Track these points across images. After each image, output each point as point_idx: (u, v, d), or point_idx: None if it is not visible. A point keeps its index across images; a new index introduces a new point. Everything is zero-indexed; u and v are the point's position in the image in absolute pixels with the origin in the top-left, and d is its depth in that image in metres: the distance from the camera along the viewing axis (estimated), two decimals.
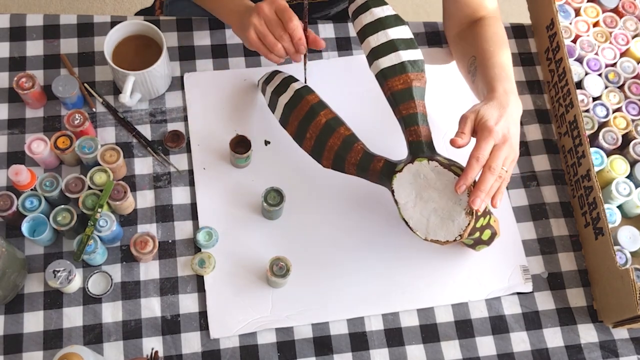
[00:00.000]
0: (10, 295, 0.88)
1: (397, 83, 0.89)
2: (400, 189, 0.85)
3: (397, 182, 0.85)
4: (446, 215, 0.82)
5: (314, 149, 0.91)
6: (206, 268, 0.92)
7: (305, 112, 0.91)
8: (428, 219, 0.83)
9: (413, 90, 0.89)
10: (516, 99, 0.88)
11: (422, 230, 0.83)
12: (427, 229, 0.83)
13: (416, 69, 0.90)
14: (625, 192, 0.98)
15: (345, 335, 0.91)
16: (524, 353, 0.92)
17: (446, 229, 0.82)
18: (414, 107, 0.88)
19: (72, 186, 0.91)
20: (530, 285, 0.95)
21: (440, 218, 0.82)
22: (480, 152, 0.80)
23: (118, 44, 0.99)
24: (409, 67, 0.89)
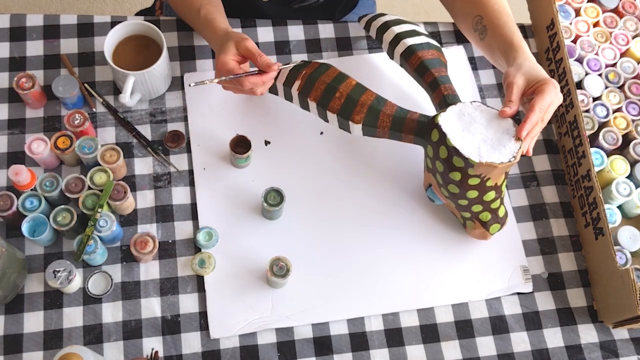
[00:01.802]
0: (10, 296, 0.88)
1: (426, 54, 0.95)
2: (446, 124, 0.85)
3: (442, 119, 0.85)
4: (496, 143, 0.84)
5: (345, 106, 0.91)
6: (206, 268, 0.92)
7: (334, 76, 0.92)
8: (478, 146, 0.84)
9: (441, 60, 0.96)
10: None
11: (474, 155, 0.83)
12: (479, 154, 0.83)
13: (440, 51, 0.98)
14: (626, 192, 0.98)
15: (346, 336, 0.91)
16: (524, 353, 0.92)
17: (498, 153, 0.83)
18: (445, 71, 0.95)
19: (72, 186, 0.91)
20: (530, 286, 0.95)
21: (490, 146, 0.84)
22: (544, 103, 0.84)
23: (118, 44, 0.99)
24: (434, 46, 0.98)
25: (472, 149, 0.83)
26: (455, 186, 0.87)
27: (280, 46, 1.08)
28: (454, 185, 0.87)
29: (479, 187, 0.86)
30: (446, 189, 0.88)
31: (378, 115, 0.90)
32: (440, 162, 0.86)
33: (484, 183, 0.86)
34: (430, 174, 0.91)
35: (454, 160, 0.84)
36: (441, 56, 0.97)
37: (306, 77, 0.93)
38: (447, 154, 0.84)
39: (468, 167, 0.83)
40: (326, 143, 1.02)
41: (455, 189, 0.87)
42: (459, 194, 0.88)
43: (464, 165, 0.83)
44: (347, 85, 0.91)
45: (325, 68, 0.94)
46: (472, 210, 0.90)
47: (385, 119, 0.89)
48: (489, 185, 0.86)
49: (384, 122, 0.90)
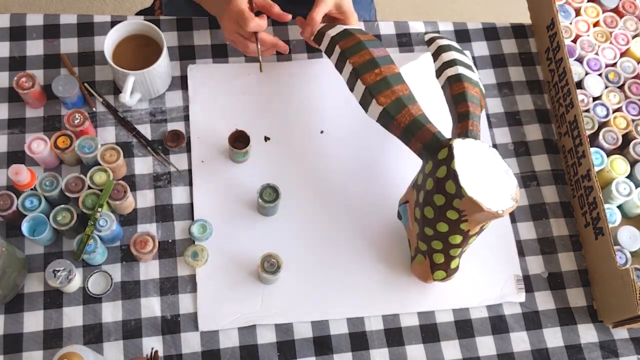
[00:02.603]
0: (10, 295, 0.88)
1: (471, 89, 0.92)
2: (459, 149, 0.81)
3: (458, 144, 0.82)
4: (492, 192, 0.80)
5: (377, 84, 0.88)
6: (199, 261, 0.92)
7: (383, 55, 0.91)
8: (476, 184, 0.80)
9: (480, 101, 0.94)
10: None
11: (468, 187, 0.79)
12: (472, 190, 0.80)
13: (484, 96, 0.96)
14: (626, 192, 0.98)
15: (345, 335, 0.91)
16: (524, 353, 0.92)
17: (489, 200, 0.79)
18: (479, 111, 0.92)
19: (72, 186, 0.91)
20: (523, 296, 0.95)
21: (486, 190, 0.80)
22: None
23: (118, 43, 0.99)
24: (481, 89, 0.96)
25: (469, 183, 0.79)
26: (432, 210, 0.83)
27: None
28: (431, 209, 0.83)
29: (452, 224, 0.82)
30: (422, 210, 0.85)
31: (402, 109, 0.87)
32: (432, 180, 0.82)
33: (459, 222, 0.82)
34: (414, 190, 0.88)
35: (448, 184, 0.80)
36: (482, 99, 0.94)
37: (356, 42, 0.92)
38: (445, 174, 0.80)
39: (456, 197, 0.79)
40: (326, 142, 1.02)
41: (431, 213, 0.83)
42: (431, 219, 0.84)
43: (454, 193, 0.79)
44: (389, 68, 0.90)
45: (378, 45, 0.93)
46: (431, 245, 0.86)
47: (406, 116, 0.86)
48: (462, 227, 0.82)
49: (404, 118, 0.87)
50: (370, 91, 0.88)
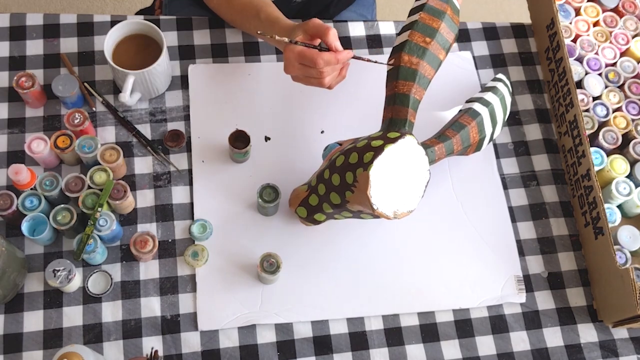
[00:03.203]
0: (10, 295, 0.88)
1: (468, 120, 0.93)
2: (386, 156, 0.80)
3: (388, 150, 0.81)
4: (399, 192, 0.81)
5: (415, 47, 0.88)
6: (199, 260, 0.92)
7: (446, 35, 0.91)
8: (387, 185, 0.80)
9: (468, 141, 0.94)
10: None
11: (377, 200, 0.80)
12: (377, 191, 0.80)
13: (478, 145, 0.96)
14: (625, 192, 0.98)
15: (345, 335, 0.91)
16: (523, 353, 0.92)
17: (391, 201, 0.80)
18: (452, 137, 0.91)
19: (72, 185, 0.91)
20: (523, 296, 0.95)
21: (395, 191, 0.81)
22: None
23: (118, 43, 0.99)
24: (481, 134, 0.95)
25: (380, 168, 0.79)
26: (341, 161, 0.83)
27: None
28: (342, 159, 0.83)
29: (342, 185, 0.82)
30: (337, 156, 0.84)
31: (409, 79, 0.87)
32: (366, 141, 0.82)
33: (347, 188, 0.81)
34: (351, 141, 0.88)
35: (368, 153, 0.79)
36: (475, 139, 0.94)
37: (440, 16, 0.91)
38: (375, 146, 0.80)
39: (361, 167, 0.79)
40: (326, 142, 1.02)
41: (339, 162, 0.83)
42: (335, 167, 0.83)
43: (363, 162, 0.79)
44: (437, 48, 0.89)
45: (453, 28, 0.92)
46: (318, 186, 0.86)
47: (405, 87, 0.87)
48: (346, 195, 0.82)
49: (403, 87, 0.87)
50: (405, 46, 0.89)
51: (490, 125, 0.96)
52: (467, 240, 0.98)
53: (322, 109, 1.04)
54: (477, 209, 0.99)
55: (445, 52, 0.91)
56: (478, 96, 0.97)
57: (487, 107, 0.95)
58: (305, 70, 0.88)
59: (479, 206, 1.00)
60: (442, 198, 0.99)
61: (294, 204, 0.92)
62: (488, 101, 0.96)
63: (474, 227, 0.98)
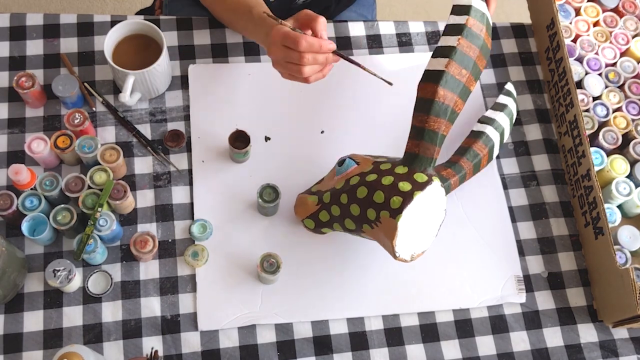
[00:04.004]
0: (10, 295, 0.88)
1: (481, 148, 0.95)
2: (415, 205, 0.81)
3: (417, 199, 0.81)
4: (415, 235, 0.82)
5: (452, 80, 0.84)
6: (199, 260, 0.92)
7: (480, 65, 0.89)
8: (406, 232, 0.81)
9: (479, 165, 0.96)
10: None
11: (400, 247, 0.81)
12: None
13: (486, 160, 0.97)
14: (625, 192, 0.98)
15: (345, 335, 0.91)
16: (523, 353, 0.92)
17: (405, 244, 0.81)
18: (468, 169, 0.93)
19: (72, 185, 0.91)
20: (523, 297, 0.95)
21: (413, 233, 0.81)
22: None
23: (118, 43, 0.99)
24: (490, 156, 0.97)
25: (407, 218, 0.79)
26: (364, 192, 0.83)
27: None
28: (364, 191, 0.83)
29: (361, 217, 0.83)
30: (359, 184, 0.84)
31: (439, 116, 0.84)
32: (392, 178, 0.82)
33: (365, 222, 0.82)
34: (372, 165, 0.86)
35: (396, 198, 0.79)
36: (485, 161, 0.95)
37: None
38: (402, 191, 0.79)
39: (387, 211, 0.79)
40: (326, 142, 1.02)
41: (362, 194, 0.83)
42: (355, 197, 0.84)
43: (390, 208, 0.79)
44: (470, 81, 0.87)
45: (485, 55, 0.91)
46: (332, 206, 0.87)
47: (434, 124, 0.84)
48: (363, 227, 0.83)
49: (432, 123, 0.84)
50: (441, 78, 0.84)
51: (498, 148, 0.98)
52: (467, 240, 0.98)
53: (322, 109, 1.04)
54: (477, 209, 0.99)
55: (476, 82, 0.88)
56: (491, 117, 0.98)
57: (499, 132, 0.96)
58: (287, 52, 0.86)
59: (479, 206, 1.00)
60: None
61: (301, 213, 0.92)
62: (500, 125, 0.97)
63: (474, 227, 0.98)
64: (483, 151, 0.94)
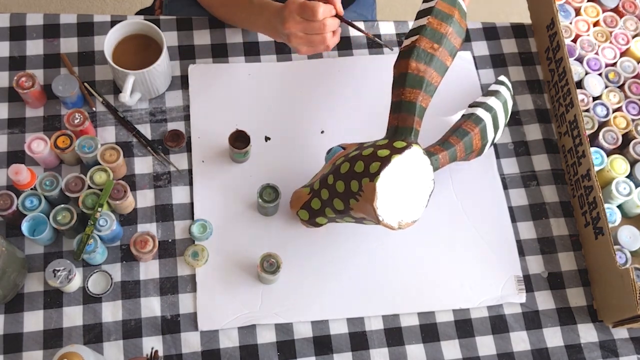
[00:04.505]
0: (10, 295, 0.88)
1: (471, 127, 0.94)
2: (393, 167, 0.80)
3: (395, 161, 0.81)
4: (402, 203, 0.82)
5: (422, 53, 0.88)
6: (199, 260, 0.92)
7: (454, 42, 0.91)
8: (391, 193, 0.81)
9: (471, 146, 0.94)
10: None
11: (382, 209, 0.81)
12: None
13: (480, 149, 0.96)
14: (626, 192, 0.98)
15: (345, 335, 0.91)
16: (523, 353, 0.92)
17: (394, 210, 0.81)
18: (458, 145, 0.92)
19: (72, 185, 0.91)
20: (523, 296, 0.95)
21: (399, 200, 0.81)
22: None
23: (118, 43, 0.99)
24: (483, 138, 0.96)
25: (387, 180, 0.79)
26: (346, 167, 0.83)
27: (280, 45, 1.08)
28: (347, 166, 0.83)
29: (346, 192, 0.82)
30: (342, 162, 0.84)
31: (416, 87, 0.87)
32: (372, 149, 0.82)
33: (352, 196, 0.82)
34: (356, 146, 0.87)
35: (375, 163, 0.79)
36: (478, 145, 0.95)
37: (449, 17, 0.91)
38: (382, 156, 0.80)
39: (367, 177, 0.79)
40: (326, 142, 1.02)
41: (344, 169, 0.83)
42: (339, 174, 0.84)
43: (369, 172, 0.79)
44: (445, 55, 0.90)
45: (461, 34, 0.93)
46: (321, 190, 0.87)
47: (411, 95, 0.86)
48: (350, 202, 0.83)
49: (409, 94, 0.86)
50: (412, 52, 0.88)
51: (493, 131, 0.96)
52: (467, 240, 0.98)
53: (322, 109, 1.04)
54: (477, 209, 0.99)
55: (452, 58, 0.91)
56: (481, 101, 0.97)
57: (490, 113, 0.95)
58: (306, 24, 0.87)
59: (479, 206, 1.00)
60: (442, 198, 0.99)
61: (296, 206, 0.92)
62: (491, 106, 0.96)
63: (474, 227, 0.98)
64: (473, 130, 0.93)
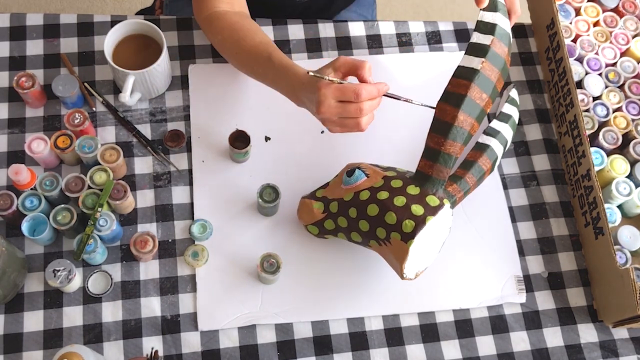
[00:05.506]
0: (10, 295, 0.88)
1: (481, 159, 0.93)
2: (426, 228, 0.81)
3: (430, 223, 0.81)
4: (420, 255, 0.83)
5: (471, 104, 0.82)
6: (199, 260, 0.92)
7: (496, 90, 0.87)
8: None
9: (481, 175, 0.93)
10: None
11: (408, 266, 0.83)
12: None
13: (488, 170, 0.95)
14: (626, 192, 0.98)
15: (345, 335, 0.91)
16: (524, 353, 0.92)
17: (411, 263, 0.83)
18: (472, 183, 0.92)
19: (72, 185, 0.91)
20: (523, 297, 0.95)
21: (417, 254, 0.82)
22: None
23: (118, 43, 0.99)
24: (493, 163, 0.95)
25: (419, 243, 0.80)
26: (375, 210, 0.82)
27: (280, 45, 1.08)
28: (375, 209, 0.83)
29: (369, 234, 0.83)
30: (369, 201, 0.83)
31: (455, 140, 0.83)
32: (404, 200, 0.81)
33: (373, 239, 0.83)
34: (382, 179, 0.85)
35: (408, 221, 0.79)
36: (488, 173, 0.94)
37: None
38: (416, 215, 0.80)
39: (400, 234, 0.80)
40: (326, 142, 1.02)
41: (373, 212, 0.83)
42: (366, 215, 0.83)
43: (403, 232, 0.80)
44: (489, 104, 0.85)
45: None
46: (339, 217, 0.87)
47: (448, 147, 0.82)
48: (370, 242, 0.84)
49: (447, 146, 0.82)
50: (462, 102, 0.82)
51: (499, 161, 0.97)
52: (467, 240, 0.98)
53: None
54: (477, 209, 0.99)
55: (492, 104, 0.87)
56: (497, 129, 0.96)
57: (502, 144, 0.96)
58: (343, 107, 0.82)
59: (479, 206, 1.00)
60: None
61: (306, 219, 0.91)
62: (504, 137, 0.97)
63: (474, 227, 0.98)
64: (487, 165, 0.93)
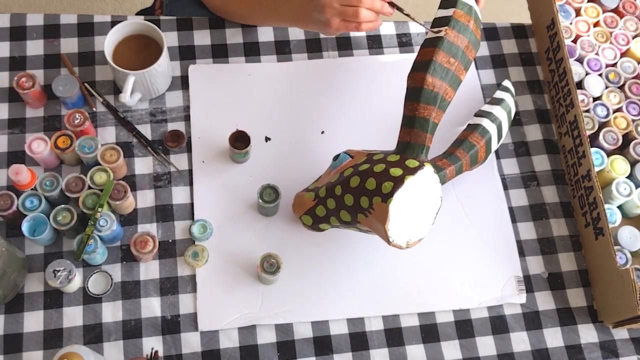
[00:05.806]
0: (10, 295, 0.88)
1: (476, 138, 0.94)
2: (407, 187, 0.81)
3: (409, 182, 0.81)
4: (411, 220, 0.82)
5: (439, 68, 0.86)
6: (199, 261, 0.92)
7: (469, 55, 0.90)
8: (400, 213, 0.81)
9: (476, 157, 0.95)
10: None
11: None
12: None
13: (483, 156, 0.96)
14: (626, 192, 0.98)
15: (345, 335, 0.91)
16: (524, 353, 0.92)
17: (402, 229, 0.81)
18: (464, 159, 0.92)
19: (72, 186, 0.91)
20: (523, 297, 0.95)
21: (407, 219, 0.81)
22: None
23: (118, 43, 0.99)
24: (488, 145, 0.96)
25: (399, 202, 0.79)
26: (357, 181, 0.82)
27: (281, 46, 1.08)
28: (357, 180, 0.82)
29: (355, 206, 0.82)
30: (352, 174, 0.84)
31: (429, 103, 0.85)
32: (383, 166, 0.81)
33: (360, 212, 0.82)
34: (366, 157, 0.86)
35: (387, 183, 0.79)
36: (483, 157, 0.95)
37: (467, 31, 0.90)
38: (393, 176, 0.79)
39: (379, 196, 0.79)
40: (326, 142, 1.02)
41: (355, 183, 0.82)
42: (349, 187, 0.84)
43: (382, 192, 0.79)
44: (460, 69, 0.88)
45: (476, 45, 0.91)
46: (327, 199, 0.87)
47: (424, 111, 0.84)
48: (358, 216, 0.83)
49: (422, 110, 0.85)
50: (429, 67, 0.85)
51: (496, 142, 0.97)
52: (468, 240, 0.98)
53: (323, 109, 1.04)
54: (478, 209, 0.99)
55: (466, 72, 0.90)
56: (488, 110, 0.97)
57: (496, 124, 0.96)
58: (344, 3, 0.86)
59: (479, 206, 1.00)
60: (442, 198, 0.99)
61: (299, 210, 0.92)
62: (497, 117, 0.96)
63: (474, 227, 0.98)
64: (479, 142, 0.93)
